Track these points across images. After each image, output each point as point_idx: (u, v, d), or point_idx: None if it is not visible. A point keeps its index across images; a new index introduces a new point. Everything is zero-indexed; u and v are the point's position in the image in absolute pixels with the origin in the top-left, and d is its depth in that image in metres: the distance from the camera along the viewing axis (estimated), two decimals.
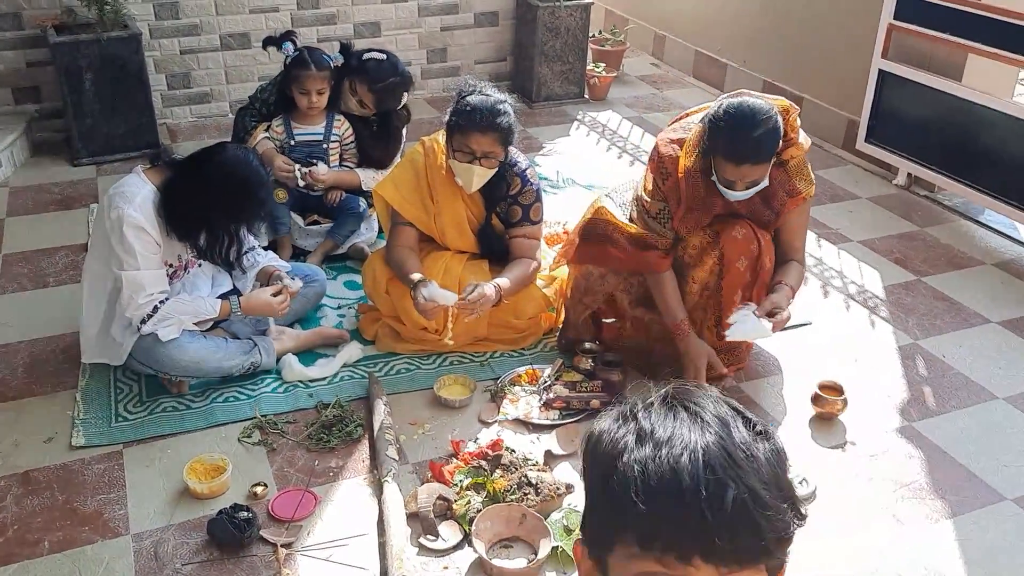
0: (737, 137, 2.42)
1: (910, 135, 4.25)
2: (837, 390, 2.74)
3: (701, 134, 2.55)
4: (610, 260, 2.73)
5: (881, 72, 4.27)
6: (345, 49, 3.50)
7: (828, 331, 3.20)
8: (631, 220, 2.73)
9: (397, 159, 3.64)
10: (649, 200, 2.67)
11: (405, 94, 3.54)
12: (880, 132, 4.39)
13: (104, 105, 4.29)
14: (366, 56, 3.46)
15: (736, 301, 2.67)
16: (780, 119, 2.47)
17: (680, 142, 2.63)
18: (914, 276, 3.57)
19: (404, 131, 3.70)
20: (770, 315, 2.58)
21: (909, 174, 4.32)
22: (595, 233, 2.74)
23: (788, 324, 3.14)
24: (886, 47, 4.23)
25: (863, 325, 3.25)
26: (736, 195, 2.54)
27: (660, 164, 2.65)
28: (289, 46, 3.39)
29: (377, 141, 3.61)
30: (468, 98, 2.78)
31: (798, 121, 2.59)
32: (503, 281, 2.80)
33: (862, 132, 4.45)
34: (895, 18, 4.15)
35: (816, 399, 2.72)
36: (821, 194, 4.26)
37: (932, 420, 2.74)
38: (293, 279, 2.85)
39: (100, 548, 2.21)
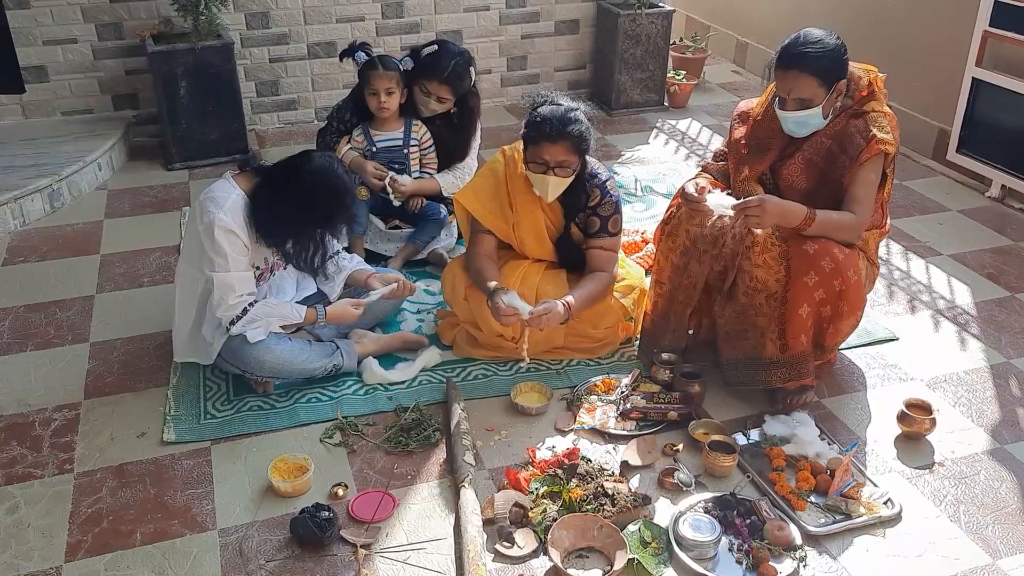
0: (788, 45, 2.62)
1: (1004, 145, 4.10)
2: (925, 409, 2.66)
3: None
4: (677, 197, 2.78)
5: (974, 80, 4.14)
6: (415, 54, 3.55)
7: (915, 347, 3.10)
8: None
9: (474, 148, 3.70)
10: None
11: (471, 69, 3.56)
12: (973, 142, 4.25)
13: (197, 111, 4.45)
14: (421, 56, 3.51)
15: (804, 317, 2.61)
16: (842, 50, 2.59)
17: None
18: (1008, 292, 3.43)
19: (479, 123, 3.72)
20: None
21: (1003, 186, 4.17)
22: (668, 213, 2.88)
23: (872, 339, 3.08)
24: (980, 54, 4.09)
25: (952, 342, 3.14)
26: (788, 116, 2.63)
27: (736, 115, 2.92)
28: (362, 55, 3.47)
29: (459, 132, 3.67)
30: (539, 109, 2.80)
31: (884, 88, 2.71)
32: (570, 299, 2.79)
33: (953, 142, 4.32)
34: (991, 25, 4.02)
35: (903, 417, 2.64)
36: (909, 205, 4.15)
37: None
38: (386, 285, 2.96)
39: (188, 541, 2.29)
